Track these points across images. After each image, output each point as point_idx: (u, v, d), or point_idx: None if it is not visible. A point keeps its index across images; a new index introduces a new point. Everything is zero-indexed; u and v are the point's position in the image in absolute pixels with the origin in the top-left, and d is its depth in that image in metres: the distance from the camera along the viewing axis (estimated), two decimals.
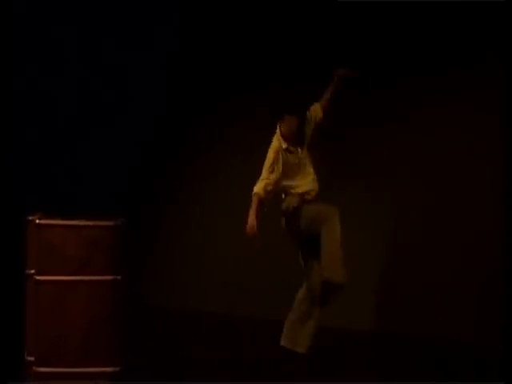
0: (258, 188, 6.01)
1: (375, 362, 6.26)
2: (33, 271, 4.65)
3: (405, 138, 7.67)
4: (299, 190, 6.16)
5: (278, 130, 6.23)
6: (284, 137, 6.16)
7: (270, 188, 6.02)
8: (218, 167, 9.00)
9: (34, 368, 4.62)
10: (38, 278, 4.62)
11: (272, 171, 6.07)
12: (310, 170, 6.25)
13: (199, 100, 9.16)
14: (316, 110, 6.30)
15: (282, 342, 6.30)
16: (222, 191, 8.87)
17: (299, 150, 6.24)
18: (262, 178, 6.08)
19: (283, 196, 6.21)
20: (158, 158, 9.48)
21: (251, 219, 5.94)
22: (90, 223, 4.64)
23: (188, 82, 9.26)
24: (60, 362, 4.61)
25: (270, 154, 6.12)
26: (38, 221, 4.62)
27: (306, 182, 6.20)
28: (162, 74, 9.43)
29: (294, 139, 6.21)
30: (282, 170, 6.09)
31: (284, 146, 6.13)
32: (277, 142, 6.19)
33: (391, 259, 7.72)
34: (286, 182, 6.15)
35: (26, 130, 8.36)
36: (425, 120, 7.63)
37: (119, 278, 4.68)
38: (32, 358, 4.65)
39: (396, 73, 7.74)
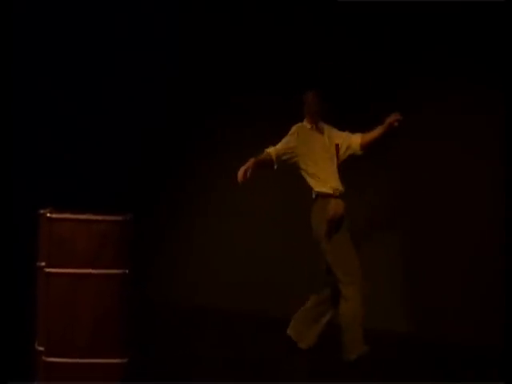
0: (270, 148, 6.41)
1: (375, 361, 6.37)
2: (43, 264, 4.86)
3: (405, 138, 7.80)
4: (337, 192, 6.47)
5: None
6: (308, 117, 6.56)
7: (281, 154, 6.41)
8: (225, 166, 9.07)
9: (44, 358, 4.83)
10: (48, 270, 4.83)
11: (287, 141, 6.46)
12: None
13: (207, 99, 9.34)
14: (355, 141, 6.61)
15: (289, 331, 6.61)
16: (229, 190, 8.94)
17: (326, 135, 6.56)
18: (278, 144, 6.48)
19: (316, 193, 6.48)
20: (166, 155, 9.68)
21: (249, 162, 6.25)
22: (100, 218, 4.85)
23: (195, 81, 9.45)
24: (69, 353, 4.81)
25: (291, 129, 6.53)
26: (48, 214, 4.84)
27: (339, 183, 6.52)
28: (170, 69, 9.62)
29: (317, 121, 6.58)
30: (308, 153, 6.44)
31: (308, 126, 6.55)
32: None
33: (391, 261, 7.98)
34: (317, 170, 6.46)
35: (35, 125, 8.47)
36: (425, 120, 7.82)
37: (127, 271, 4.91)
38: (42, 348, 4.86)
39: (396, 73, 7.94)
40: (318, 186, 6.45)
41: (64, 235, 4.83)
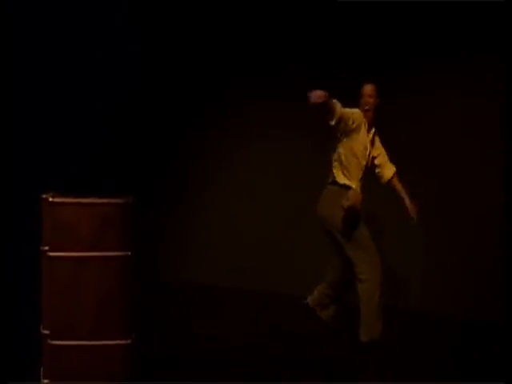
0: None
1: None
2: (47, 248, 4.98)
3: (405, 136, 8.04)
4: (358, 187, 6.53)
5: None
6: (362, 110, 6.56)
7: (343, 115, 6.27)
8: (228, 147, 9.41)
9: (49, 341, 4.94)
10: (51, 254, 4.94)
11: (352, 112, 6.40)
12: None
13: (216, 80, 9.51)
14: (387, 174, 6.83)
15: (309, 302, 6.77)
16: (234, 168, 9.28)
17: (370, 138, 6.59)
18: None
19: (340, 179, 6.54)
20: (169, 135, 9.83)
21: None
22: (102, 201, 4.97)
23: (203, 64, 9.62)
24: (73, 335, 4.92)
25: (356, 109, 6.51)
26: (51, 199, 4.96)
27: (360, 183, 6.59)
28: (170, 67, 9.83)
29: (371, 118, 6.59)
30: (354, 142, 6.46)
31: (364, 119, 6.52)
32: None
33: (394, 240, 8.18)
34: (350, 162, 6.49)
35: (37, 108, 8.53)
36: (425, 119, 8.03)
37: (130, 253, 5.03)
38: (47, 332, 4.97)
39: (396, 73, 8.11)
40: (343, 178, 6.52)
41: (66, 219, 4.93)
